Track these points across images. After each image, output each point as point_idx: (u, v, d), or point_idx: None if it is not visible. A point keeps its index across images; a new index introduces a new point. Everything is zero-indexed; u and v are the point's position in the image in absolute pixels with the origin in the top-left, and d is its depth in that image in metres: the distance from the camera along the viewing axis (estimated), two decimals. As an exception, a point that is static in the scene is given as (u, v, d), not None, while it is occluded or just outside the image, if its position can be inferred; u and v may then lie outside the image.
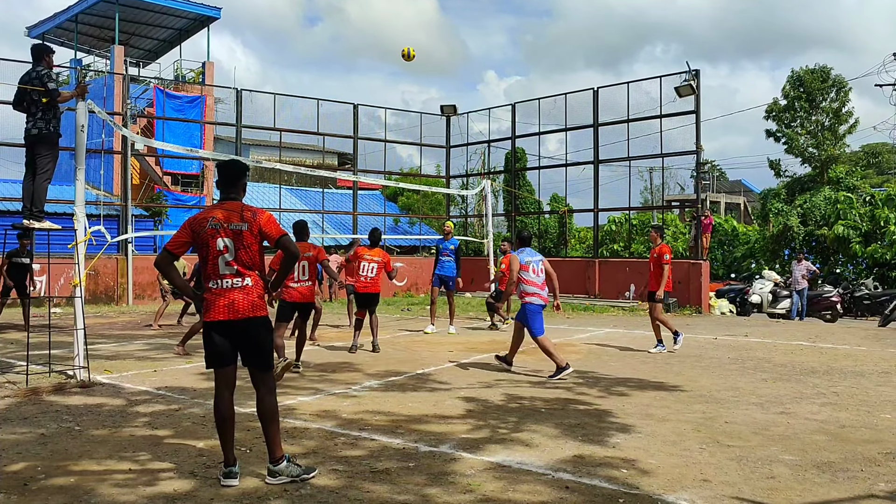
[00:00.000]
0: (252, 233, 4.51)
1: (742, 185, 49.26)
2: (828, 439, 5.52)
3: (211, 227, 4.49)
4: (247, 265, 4.52)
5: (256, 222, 4.52)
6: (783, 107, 28.28)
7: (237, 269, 4.48)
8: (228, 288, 4.47)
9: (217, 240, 4.47)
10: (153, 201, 24.44)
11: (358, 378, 8.12)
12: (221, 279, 4.48)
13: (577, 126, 22.50)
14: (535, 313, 8.43)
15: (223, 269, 4.48)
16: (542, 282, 8.57)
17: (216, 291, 4.48)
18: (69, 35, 28.69)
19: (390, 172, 26.46)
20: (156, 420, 5.96)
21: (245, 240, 4.51)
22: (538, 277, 8.53)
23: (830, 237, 24.15)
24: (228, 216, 4.52)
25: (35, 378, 7.65)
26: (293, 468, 4.45)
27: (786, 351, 10.81)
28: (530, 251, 8.74)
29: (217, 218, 4.51)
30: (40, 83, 7.73)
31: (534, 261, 8.59)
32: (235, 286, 4.47)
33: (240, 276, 4.49)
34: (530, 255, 8.65)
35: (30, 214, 7.96)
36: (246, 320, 4.46)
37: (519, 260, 8.52)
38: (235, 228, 4.50)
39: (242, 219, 4.52)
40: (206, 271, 4.53)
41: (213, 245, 4.47)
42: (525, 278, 8.49)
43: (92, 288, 18.73)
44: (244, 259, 4.50)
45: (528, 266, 8.50)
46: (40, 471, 4.56)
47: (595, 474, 4.59)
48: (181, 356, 9.66)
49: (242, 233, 4.50)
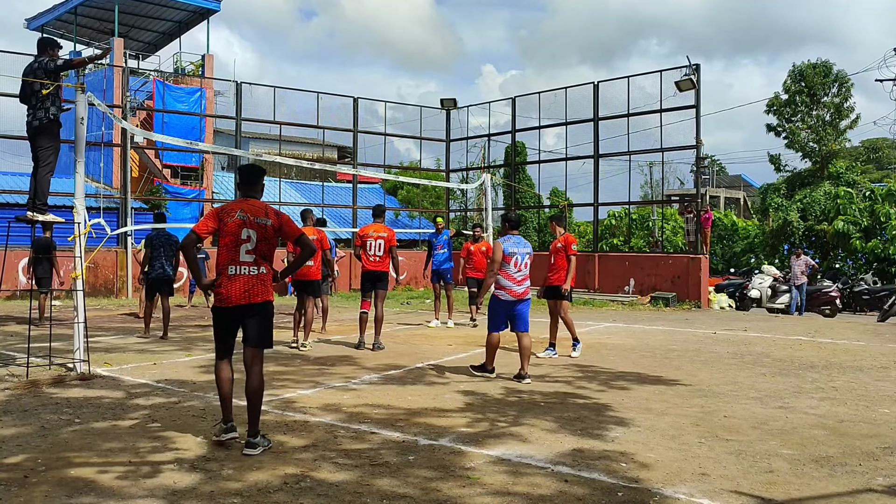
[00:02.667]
0: (274, 228, 5.11)
1: (742, 179, 49.27)
2: (826, 434, 5.53)
3: (239, 218, 5.01)
4: (264, 256, 5.08)
5: (279, 220, 5.15)
6: (784, 101, 28.24)
7: (256, 258, 5.02)
8: (246, 274, 4.98)
9: (243, 230, 4.99)
10: (153, 194, 24.43)
11: (357, 371, 8.13)
12: (240, 266, 4.99)
13: (578, 120, 22.47)
14: (497, 309, 7.74)
15: (244, 256, 5.00)
16: (522, 277, 7.75)
17: (234, 276, 4.97)
18: (68, 27, 28.61)
19: (390, 166, 26.42)
20: (155, 412, 5.97)
21: (267, 233, 5.07)
22: (518, 272, 7.71)
23: (830, 232, 24.17)
24: (255, 211, 5.08)
25: (35, 370, 7.66)
26: (265, 441, 4.92)
27: (785, 346, 10.82)
28: (518, 240, 7.85)
29: (245, 211, 5.05)
30: (43, 73, 7.73)
31: (519, 253, 7.73)
32: (252, 273, 5.00)
33: (256, 265, 5.03)
34: (516, 246, 7.75)
35: (33, 207, 7.97)
36: (260, 304, 5.02)
37: (503, 249, 7.67)
38: (260, 223, 5.05)
39: (267, 215, 5.11)
40: (225, 257, 5.00)
41: (239, 234, 4.98)
42: (503, 270, 7.68)
43: (91, 281, 18.73)
44: (263, 250, 5.06)
45: (510, 258, 7.65)
46: (40, 463, 4.56)
47: (594, 468, 4.60)
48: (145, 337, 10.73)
49: (266, 227, 5.07)
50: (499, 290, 7.73)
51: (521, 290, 7.74)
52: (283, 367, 8.30)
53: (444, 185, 25.51)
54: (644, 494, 4.13)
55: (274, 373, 7.92)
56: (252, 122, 23.07)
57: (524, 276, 7.78)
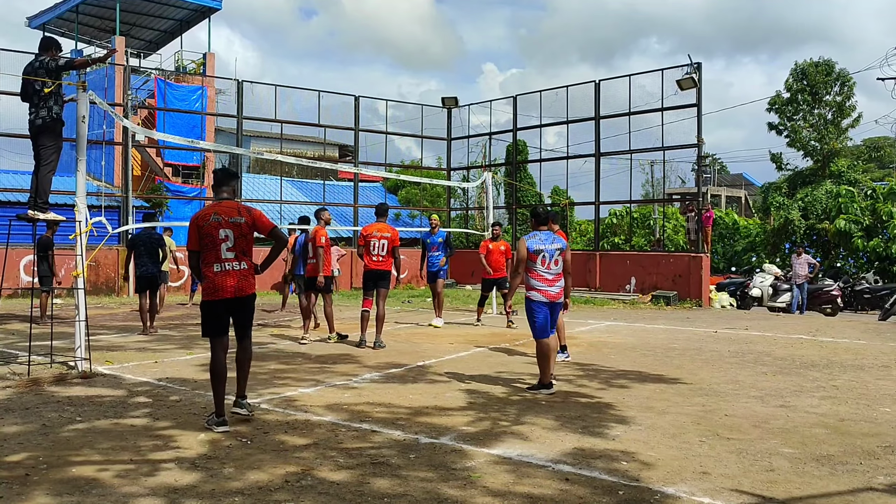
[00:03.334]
0: (248, 224, 5.56)
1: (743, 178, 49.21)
2: (827, 432, 5.53)
3: (214, 220, 5.48)
4: (244, 252, 5.57)
5: (251, 217, 5.60)
6: (786, 100, 28.21)
7: (236, 254, 5.50)
8: (230, 270, 5.48)
9: (219, 230, 5.46)
10: (154, 192, 24.44)
11: (358, 370, 8.13)
12: (224, 263, 5.48)
13: (579, 119, 22.45)
14: (534, 312, 7.00)
15: (225, 254, 5.48)
16: (554, 276, 7.04)
17: (221, 273, 5.47)
18: (70, 25, 28.63)
19: (391, 165, 26.41)
20: (157, 411, 5.98)
21: (242, 230, 5.53)
22: (548, 271, 7.00)
23: (832, 231, 24.14)
24: (229, 212, 5.53)
25: (36, 369, 7.67)
26: (250, 404, 5.75)
27: (786, 344, 10.82)
28: (546, 235, 7.14)
29: (219, 213, 5.51)
30: (45, 72, 7.73)
31: (547, 250, 7.01)
32: (235, 269, 5.50)
33: (238, 261, 5.51)
34: (544, 242, 7.05)
35: (34, 205, 7.97)
36: (247, 297, 5.57)
37: (527, 246, 7.04)
38: (234, 221, 5.52)
39: (240, 213, 5.56)
40: (209, 257, 5.46)
41: (217, 235, 5.46)
42: (531, 270, 7.03)
43: (93, 279, 18.75)
44: (242, 246, 5.54)
45: (537, 255, 6.98)
46: (42, 461, 4.57)
47: (595, 466, 4.60)
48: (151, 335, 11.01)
49: (240, 225, 5.53)
50: (530, 293, 7.03)
51: (555, 290, 7.03)
52: (284, 366, 8.31)
53: (445, 184, 25.49)
54: (645, 493, 4.13)
55: (275, 371, 7.93)
56: (253, 120, 23.05)
57: (556, 275, 7.04)
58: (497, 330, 12.23)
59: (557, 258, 7.05)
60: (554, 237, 7.19)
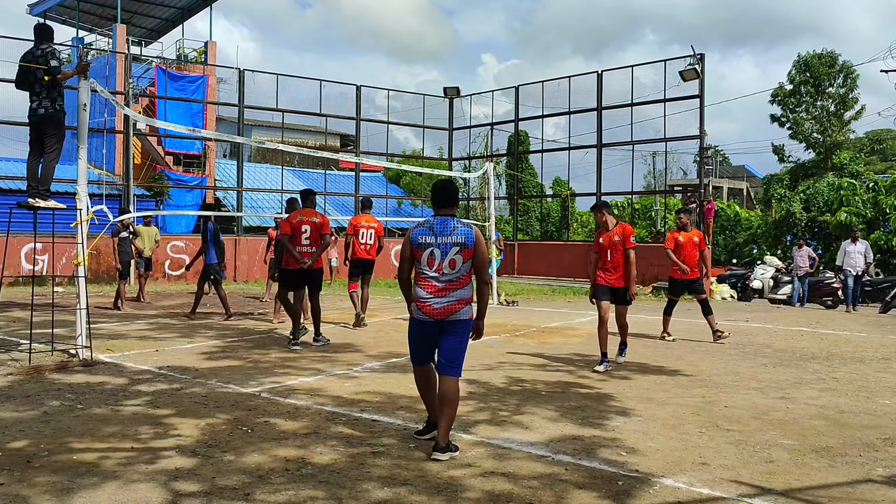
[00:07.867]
0: (319, 224, 9.14)
1: (745, 170, 49.13)
2: (827, 424, 5.54)
3: (300, 220, 9.10)
4: (315, 241, 9.10)
5: (321, 221, 9.22)
6: (789, 91, 28.11)
7: (310, 242, 9.06)
8: (306, 251, 9.02)
9: (303, 226, 9.05)
10: (155, 181, 24.42)
11: (359, 359, 8.14)
12: (303, 247, 9.03)
13: (581, 109, 22.41)
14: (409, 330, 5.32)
15: (303, 241, 9.02)
16: (446, 284, 4.83)
17: (299, 253, 8.98)
18: (71, 13, 28.52)
19: (393, 154, 26.37)
20: (157, 399, 5.99)
21: (316, 227, 9.11)
22: (439, 275, 4.85)
23: (833, 223, 24.11)
24: (310, 215, 9.19)
25: (38, 356, 7.68)
26: (325, 339, 9.27)
27: (786, 336, 10.82)
28: (442, 222, 4.87)
29: (304, 216, 9.16)
30: (44, 61, 7.68)
31: (438, 244, 4.83)
32: (310, 251, 9.05)
33: (310, 246, 9.08)
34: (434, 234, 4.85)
35: (35, 193, 7.94)
36: (316, 270, 9.18)
37: (411, 238, 4.93)
38: (313, 221, 9.13)
39: (316, 216, 9.22)
40: (295, 242, 8.97)
41: (300, 229, 9.04)
42: (417, 271, 4.99)
43: (94, 267, 18.74)
44: (315, 238, 9.10)
45: (422, 252, 4.88)
46: (43, 448, 4.58)
47: (594, 456, 4.61)
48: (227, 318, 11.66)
49: (315, 224, 9.12)
50: (411, 305, 5.15)
51: (440, 305, 4.88)
52: (285, 354, 8.32)
53: (446, 174, 25.46)
54: (644, 483, 4.14)
55: (276, 360, 7.94)
56: (254, 109, 23.01)
57: (450, 283, 4.85)
58: (498, 321, 12.23)
59: (455, 257, 4.77)
60: (455, 224, 4.81)
